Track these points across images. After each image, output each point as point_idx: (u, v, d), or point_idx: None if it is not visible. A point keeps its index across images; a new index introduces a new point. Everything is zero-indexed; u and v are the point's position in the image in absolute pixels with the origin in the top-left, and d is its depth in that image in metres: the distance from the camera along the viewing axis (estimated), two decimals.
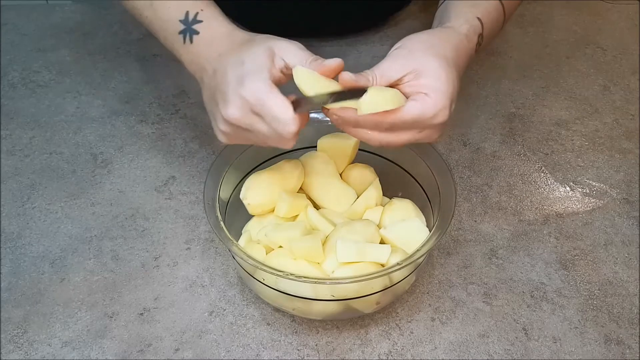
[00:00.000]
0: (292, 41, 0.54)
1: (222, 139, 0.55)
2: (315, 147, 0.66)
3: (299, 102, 0.51)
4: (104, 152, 0.79)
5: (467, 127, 0.83)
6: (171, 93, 0.88)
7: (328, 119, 0.66)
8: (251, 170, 0.65)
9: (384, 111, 0.49)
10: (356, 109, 0.50)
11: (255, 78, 0.50)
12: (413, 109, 0.50)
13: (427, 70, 0.51)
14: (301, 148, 0.67)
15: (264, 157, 0.66)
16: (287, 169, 0.63)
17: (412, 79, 0.51)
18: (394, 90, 0.51)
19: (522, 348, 0.59)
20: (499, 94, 0.88)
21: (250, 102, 0.50)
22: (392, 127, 0.51)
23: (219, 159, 0.62)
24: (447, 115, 0.52)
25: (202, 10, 0.57)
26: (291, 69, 0.52)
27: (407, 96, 0.52)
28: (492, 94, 0.88)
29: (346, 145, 0.64)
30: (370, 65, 0.52)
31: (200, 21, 0.57)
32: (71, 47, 0.96)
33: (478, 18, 0.59)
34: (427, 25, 0.58)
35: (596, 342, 0.60)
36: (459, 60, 0.55)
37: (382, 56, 0.55)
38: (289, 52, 0.52)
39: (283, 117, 0.49)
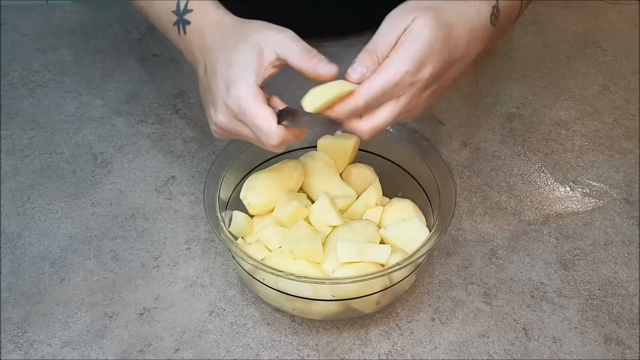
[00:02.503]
0: (282, 31, 0.52)
1: (215, 135, 0.56)
2: (315, 147, 0.66)
3: (293, 113, 0.50)
4: (104, 152, 0.79)
5: (467, 127, 0.83)
6: (171, 93, 0.87)
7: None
8: (251, 170, 0.65)
9: (351, 90, 0.49)
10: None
11: (240, 85, 0.50)
12: (375, 80, 0.49)
13: (411, 29, 0.50)
14: (301, 148, 0.67)
15: (264, 157, 0.66)
16: (287, 169, 0.63)
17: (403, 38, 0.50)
18: (340, 81, 0.50)
19: (522, 348, 0.59)
20: (499, 94, 0.88)
21: (234, 111, 0.50)
22: (367, 106, 0.50)
23: (219, 159, 0.62)
24: (420, 75, 0.49)
25: None
26: (283, 60, 0.51)
27: None
28: (492, 94, 0.88)
29: (346, 145, 0.64)
30: None
31: (191, 10, 0.56)
32: (71, 47, 0.96)
33: None
34: None
35: (596, 342, 0.60)
36: (461, 30, 0.52)
37: None
38: (280, 44, 0.51)
39: (265, 128, 0.50)
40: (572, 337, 0.60)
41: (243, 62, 0.51)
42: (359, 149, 0.66)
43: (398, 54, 0.49)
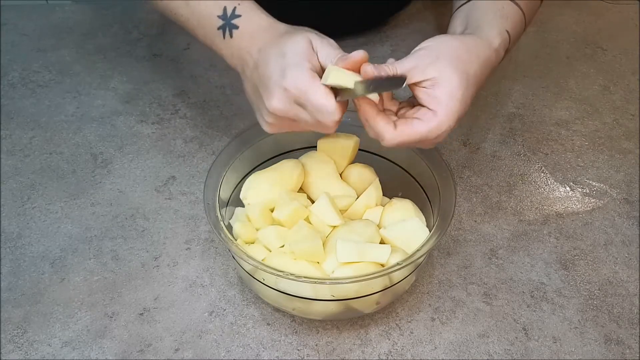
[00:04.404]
0: (325, 38, 0.54)
1: (267, 129, 0.57)
2: (315, 147, 0.66)
3: (339, 91, 0.52)
4: (104, 152, 0.79)
5: (467, 127, 0.83)
6: (171, 93, 0.88)
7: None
8: (251, 170, 0.65)
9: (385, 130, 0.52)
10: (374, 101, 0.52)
11: (296, 69, 0.51)
12: (418, 128, 0.51)
13: (445, 84, 0.52)
14: (301, 148, 0.67)
15: (264, 157, 0.66)
16: (287, 169, 0.63)
17: (429, 86, 0.52)
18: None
19: (522, 348, 0.59)
20: (499, 94, 0.88)
21: (293, 93, 0.51)
22: (396, 145, 0.52)
23: (219, 159, 0.62)
24: (449, 131, 0.52)
25: (239, 4, 0.58)
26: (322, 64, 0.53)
27: (416, 99, 0.53)
28: (492, 94, 0.88)
29: (346, 145, 0.64)
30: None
31: (239, 15, 0.57)
32: (71, 47, 0.96)
33: (507, 31, 0.58)
34: (427, 25, 0.58)
35: (596, 342, 0.60)
36: (482, 76, 0.55)
37: (382, 56, 0.55)
38: (322, 49, 0.53)
39: (326, 108, 0.51)
40: (572, 337, 0.60)
41: (296, 51, 0.52)
42: (359, 149, 0.66)
43: (436, 113, 0.52)
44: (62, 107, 0.86)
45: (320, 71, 0.53)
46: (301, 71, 0.51)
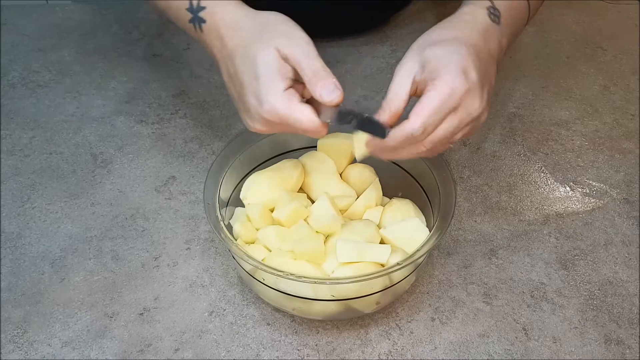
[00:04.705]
0: (295, 39, 0.52)
1: (250, 129, 0.56)
2: (315, 147, 0.66)
3: (320, 110, 0.52)
4: (104, 152, 0.79)
5: None
6: (171, 93, 0.88)
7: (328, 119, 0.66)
8: (251, 170, 0.65)
9: (404, 121, 0.50)
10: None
11: (271, 96, 0.50)
12: (429, 99, 0.49)
13: (435, 62, 0.50)
14: (301, 148, 0.67)
15: (264, 157, 0.66)
16: (287, 169, 0.63)
17: (428, 80, 0.50)
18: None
19: (522, 348, 0.59)
20: (499, 94, 0.88)
21: (274, 121, 0.51)
22: (425, 130, 0.49)
23: (219, 159, 0.62)
24: (467, 89, 0.49)
25: None
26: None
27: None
28: (492, 94, 0.88)
29: (346, 145, 0.64)
30: (370, 65, 0.53)
31: (204, 7, 0.56)
32: (71, 47, 0.96)
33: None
34: (427, 25, 0.58)
35: (596, 342, 0.60)
36: (479, 38, 0.53)
37: (382, 56, 0.55)
38: (292, 60, 0.51)
39: (311, 128, 0.51)
40: (572, 337, 0.60)
41: (267, 71, 0.51)
42: None
43: (441, 79, 0.49)
44: (62, 107, 0.86)
45: (294, 75, 0.52)
46: (276, 97, 0.50)
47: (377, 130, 0.51)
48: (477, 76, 0.50)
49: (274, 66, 0.51)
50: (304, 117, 0.50)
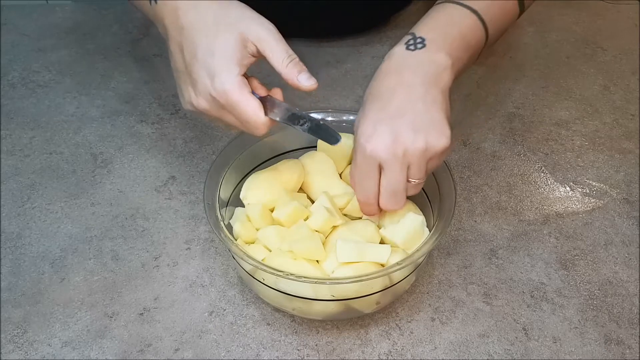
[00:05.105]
0: (265, 24, 0.52)
1: (186, 109, 0.56)
2: (315, 147, 0.66)
3: (270, 103, 0.52)
4: (104, 152, 0.79)
5: (467, 127, 0.83)
6: (171, 93, 0.88)
7: (328, 119, 0.66)
8: (251, 170, 0.65)
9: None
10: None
11: (226, 76, 0.50)
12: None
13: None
14: (301, 148, 0.67)
15: (264, 157, 0.66)
16: (287, 169, 0.63)
17: None
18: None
19: (522, 348, 0.59)
20: (499, 94, 0.88)
21: (219, 100, 0.51)
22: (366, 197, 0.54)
23: (219, 159, 0.62)
24: (385, 138, 0.51)
25: None
26: (263, 57, 0.52)
27: None
28: (492, 94, 0.88)
29: (346, 145, 0.64)
30: (370, 65, 0.53)
31: None
32: (71, 47, 0.96)
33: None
34: None
35: (596, 342, 0.60)
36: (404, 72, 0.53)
37: (382, 56, 0.55)
38: (263, 42, 0.51)
39: (254, 121, 0.51)
40: (572, 337, 0.60)
41: (226, 51, 0.50)
42: None
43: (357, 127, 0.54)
44: (62, 107, 0.86)
45: (251, 65, 0.52)
46: (230, 80, 0.50)
47: (329, 137, 0.53)
48: (395, 107, 0.52)
49: (234, 49, 0.51)
50: (251, 108, 0.50)
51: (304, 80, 0.51)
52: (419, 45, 0.53)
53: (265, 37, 0.51)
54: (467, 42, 0.55)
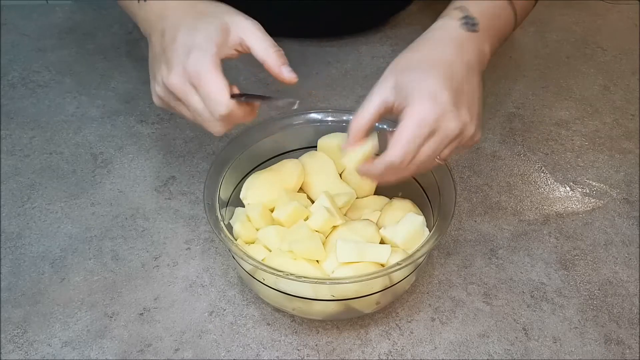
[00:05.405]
0: (251, 19, 0.53)
1: (157, 102, 0.56)
2: (315, 147, 0.66)
3: (250, 97, 0.52)
4: (104, 152, 0.79)
5: None
6: None
7: (328, 119, 0.66)
8: (251, 170, 0.65)
9: (384, 152, 0.51)
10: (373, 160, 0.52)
11: (202, 53, 0.50)
12: (403, 128, 0.49)
13: (406, 88, 0.51)
14: (301, 148, 0.67)
15: (264, 157, 0.66)
16: (287, 169, 0.63)
17: (402, 106, 0.51)
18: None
19: (522, 348, 0.59)
20: (499, 94, 0.88)
21: (190, 74, 0.50)
22: (404, 159, 0.50)
23: (219, 159, 0.62)
24: (439, 113, 0.49)
25: None
26: (247, 48, 0.52)
27: None
28: (492, 94, 0.88)
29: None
30: (370, 65, 0.53)
31: None
32: (71, 47, 0.96)
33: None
34: (427, 25, 0.58)
35: (596, 342, 0.60)
36: (444, 56, 0.53)
37: (382, 56, 0.55)
38: (248, 32, 0.52)
39: (216, 97, 0.50)
40: (572, 337, 0.60)
41: (207, 32, 0.51)
42: None
43: (412, 107, 0.50)
44: (62, 107, 0.86)
45: (232, 57, 0.52)
46: (205, 56, 0.50)
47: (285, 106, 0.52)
48: (450, 97, 0.50)
49: (217, 33, 0.51)
50: (218, 85, 0.50)
51: (287, 72, 0.52)
52: (474, 28, 0.54)
53: (251, 27, 0.52)
54: (500, 38, 0.58)
